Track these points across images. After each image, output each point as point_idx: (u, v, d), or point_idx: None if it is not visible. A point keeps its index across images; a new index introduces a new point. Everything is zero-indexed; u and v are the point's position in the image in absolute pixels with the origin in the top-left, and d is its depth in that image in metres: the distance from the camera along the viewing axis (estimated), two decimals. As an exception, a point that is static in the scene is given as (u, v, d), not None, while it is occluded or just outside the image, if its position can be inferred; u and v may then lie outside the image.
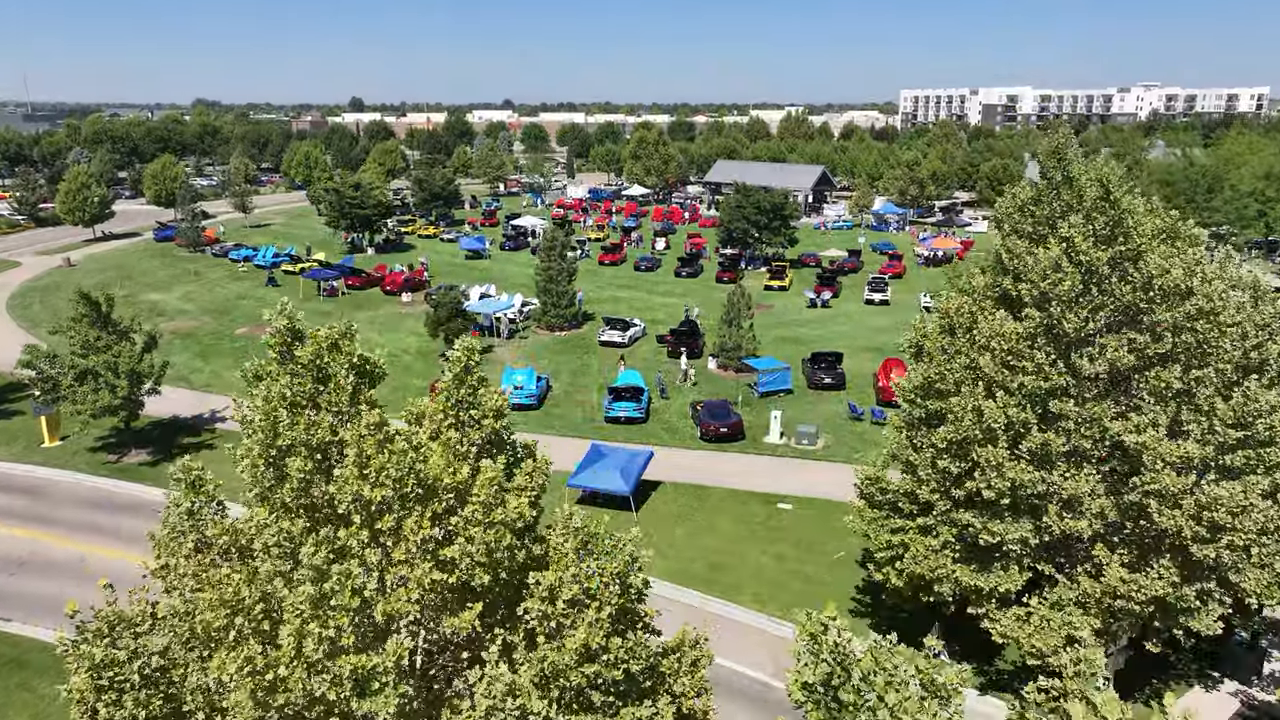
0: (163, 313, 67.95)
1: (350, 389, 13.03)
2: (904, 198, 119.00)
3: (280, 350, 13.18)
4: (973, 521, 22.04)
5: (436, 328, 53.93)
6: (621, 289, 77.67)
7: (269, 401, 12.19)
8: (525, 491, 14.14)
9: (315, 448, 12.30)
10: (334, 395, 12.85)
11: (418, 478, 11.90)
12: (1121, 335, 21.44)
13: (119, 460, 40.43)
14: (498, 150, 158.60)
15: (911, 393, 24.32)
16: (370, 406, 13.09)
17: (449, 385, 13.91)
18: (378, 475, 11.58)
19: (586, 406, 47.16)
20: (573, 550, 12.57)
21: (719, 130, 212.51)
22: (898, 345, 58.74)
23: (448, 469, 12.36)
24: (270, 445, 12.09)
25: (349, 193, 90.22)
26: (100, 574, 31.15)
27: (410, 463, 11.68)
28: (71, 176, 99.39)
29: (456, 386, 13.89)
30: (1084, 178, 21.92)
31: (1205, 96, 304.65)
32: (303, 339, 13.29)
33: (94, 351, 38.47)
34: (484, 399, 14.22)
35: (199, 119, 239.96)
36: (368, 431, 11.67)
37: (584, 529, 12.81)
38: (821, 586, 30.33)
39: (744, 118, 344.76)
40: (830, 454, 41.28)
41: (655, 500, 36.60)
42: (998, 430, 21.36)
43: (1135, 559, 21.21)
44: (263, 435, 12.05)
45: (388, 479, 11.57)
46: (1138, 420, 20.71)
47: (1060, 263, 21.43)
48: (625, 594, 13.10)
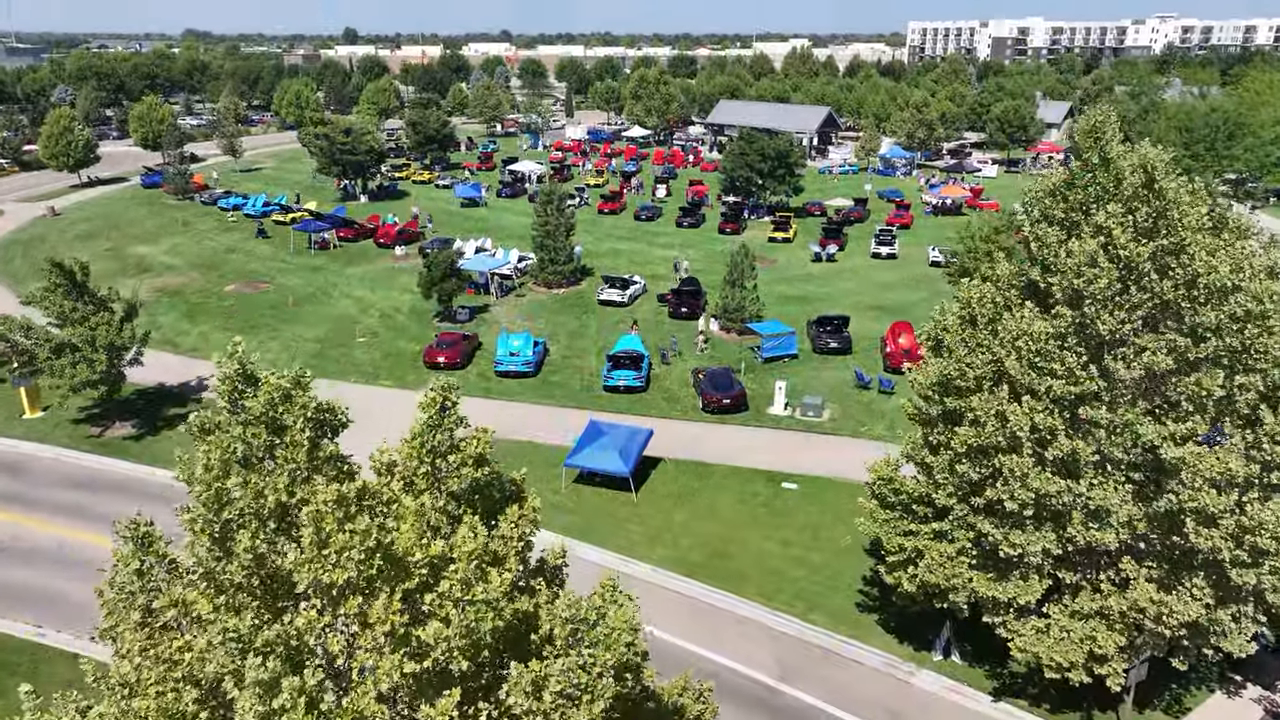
0: (149, 268, 66.07)
1: (307, 444, 11.51)
2: (912, 141, 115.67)
3: (230, 399, 11.62)
4: (992, 531, 20.75)
5: (430, 288, 52.17)
6: (621, 240, 75.58)
7: (209, 470, 10.67)
8: (511, 543, 12.73)
9: (267, 517, 10.85)
10: (289, 452, 11.34)
11: (386, 554, 10.48)
12: (1160, 336, 19.82)
13: (102, 434, 39.15)
14: (494, 89, 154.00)
15: (929, 389, 22.81)
16: (331, 465, 11.60)
17: (422, 430, 12.38)
18: (339, 557, 10.16)
19: (585, 374, 45.71)
20: (563, 638, 11.20)
21: (722, 67, 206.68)
22: (905, 304, 57.55)
23: (420, 541, 10.92)
24: (214, 521, 10.63)
25: (340, 138, 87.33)
26: (80, 561, 30.16)
27: (376, 542, 10.24)
28: (54, 119, 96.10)
29: (431, 431, 12.36)
30: (1125, 163, 20.03)
31: (1222, 28, 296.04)
32: (256, 384, 11.71)
33: (70, 323, 36.86)
34: (464, 444, 12.69)
35: (187, 54, 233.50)
36: (326, 508, 10.20)
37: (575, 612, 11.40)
38: (829, 576, 29.32)
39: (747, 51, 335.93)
40: (837, 427, 39.97)
41: (655, 479, 35.39)
42: (1023, 438, 19.91)
43: (1165, 574, 19.95)
44: (205, 510, 10.58)
45: (350, 561, 10.15)
46: (1174, 429, 19.25)
47: (1096, 257, 19.68)
48: (622, 681, 11.75)
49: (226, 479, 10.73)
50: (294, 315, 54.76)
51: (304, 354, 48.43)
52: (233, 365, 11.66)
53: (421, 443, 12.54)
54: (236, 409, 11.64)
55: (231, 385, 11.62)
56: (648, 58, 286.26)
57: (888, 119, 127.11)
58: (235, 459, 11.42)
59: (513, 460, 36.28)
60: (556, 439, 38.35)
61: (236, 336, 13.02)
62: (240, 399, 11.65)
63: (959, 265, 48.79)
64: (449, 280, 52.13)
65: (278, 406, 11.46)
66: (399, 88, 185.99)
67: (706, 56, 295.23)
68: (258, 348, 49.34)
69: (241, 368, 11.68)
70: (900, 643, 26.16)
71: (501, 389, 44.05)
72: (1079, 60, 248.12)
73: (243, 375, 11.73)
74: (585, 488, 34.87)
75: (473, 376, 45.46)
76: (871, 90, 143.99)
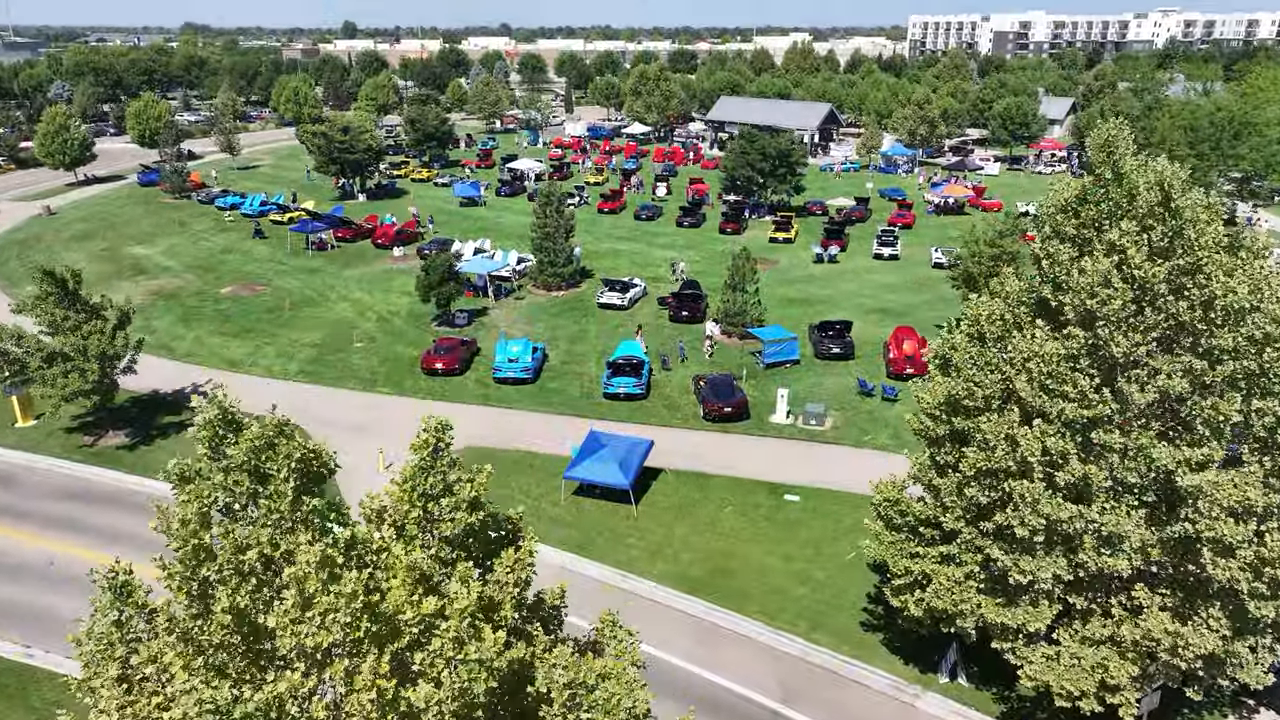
0: (145, 270, 65.47)
1: (292, 494, 10.97)
2: (913, 138, 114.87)
3: (211, 445, 11.08)
4: (1001, 557, 20.23)
5: (428, 292, 51.56)
6: (621, 241, 74.93)
7: (187, 524, 10.13)
8: (506, 589, 12.21)
9: (249, 573, 10.33)
10: (273, 502, 10.81)
11: (374, 614, 9.95)
12: (1174, 358, 19.27)
13: (95, 443, 38.61)
14: (494, 85, 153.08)
15: (936, 408, 22.27)
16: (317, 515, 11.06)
17: (413, 473, 11.84)
18: (324, 619, 9.64)
19: (584, 380, 45.15)
20: (560, 703, 10.67)
21: (722, 62, 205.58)
22: (908, 307, 56.96)
23: (410, 599, 10.39)
24: (192, 578, 10.11)
25: (338, 136, 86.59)
26: (70, 577, 29.67)
27: (363, 604, 9.71)
28: (49, 116, 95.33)
29: (423, 474, 11.81)
30: (1140, 180, 19.44)
31: (1225, 22, 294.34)
32: (239, 429, 11.17)
33: (61, 332, 36.29)
34: (458, 487, 12.14)
35: (185, 48, 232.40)
36: (311, 569, 9.67)
37: (574, 675, 10.87)
38: (832, 593, 28.81)
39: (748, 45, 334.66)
40: (839, 436, 39.43)
41: (655, 491, 34.87)
42: (1034, 463, 19.37)
43: (1180, 603, 19.44)
44: (182, 567, 10.05)
45: (336, 624, 9.63)
46: (1190, 454, 18.70)
47: (1110, 277, 19.12)
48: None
49: (205, 531, 10.20)
50: (291, 319, 54.19)
51: (300, 359, 47.89)
52: (213, 410, 11.09)
53: (413, 486, 12.00)
54: (218, 456, 11.09)
55: (213, 431, 11.08)
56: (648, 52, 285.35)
57: (889, 116, 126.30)
58: (216, 508, 10.90)
59: (511, 471, 35.94)
60: (555, 448, 37.83)
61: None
62: (222, 445, 11.09)
63: (963, 270, 48.23)
64: (447, 284, 51.54)
65: (261, 454, 10.90)
66: (398, 83, 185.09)
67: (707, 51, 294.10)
68: (254, 353, 48.86)
69: (223, 413, 11.12)
70: (905, 664, 25.68)
71: (500, 396, 43.51)
72: (1081, 55, 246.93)
73: (225, 420, 11.17)
74: (585, 499, 34.36)
75: (471, 383, 44.92)
76: (873, 86, 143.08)
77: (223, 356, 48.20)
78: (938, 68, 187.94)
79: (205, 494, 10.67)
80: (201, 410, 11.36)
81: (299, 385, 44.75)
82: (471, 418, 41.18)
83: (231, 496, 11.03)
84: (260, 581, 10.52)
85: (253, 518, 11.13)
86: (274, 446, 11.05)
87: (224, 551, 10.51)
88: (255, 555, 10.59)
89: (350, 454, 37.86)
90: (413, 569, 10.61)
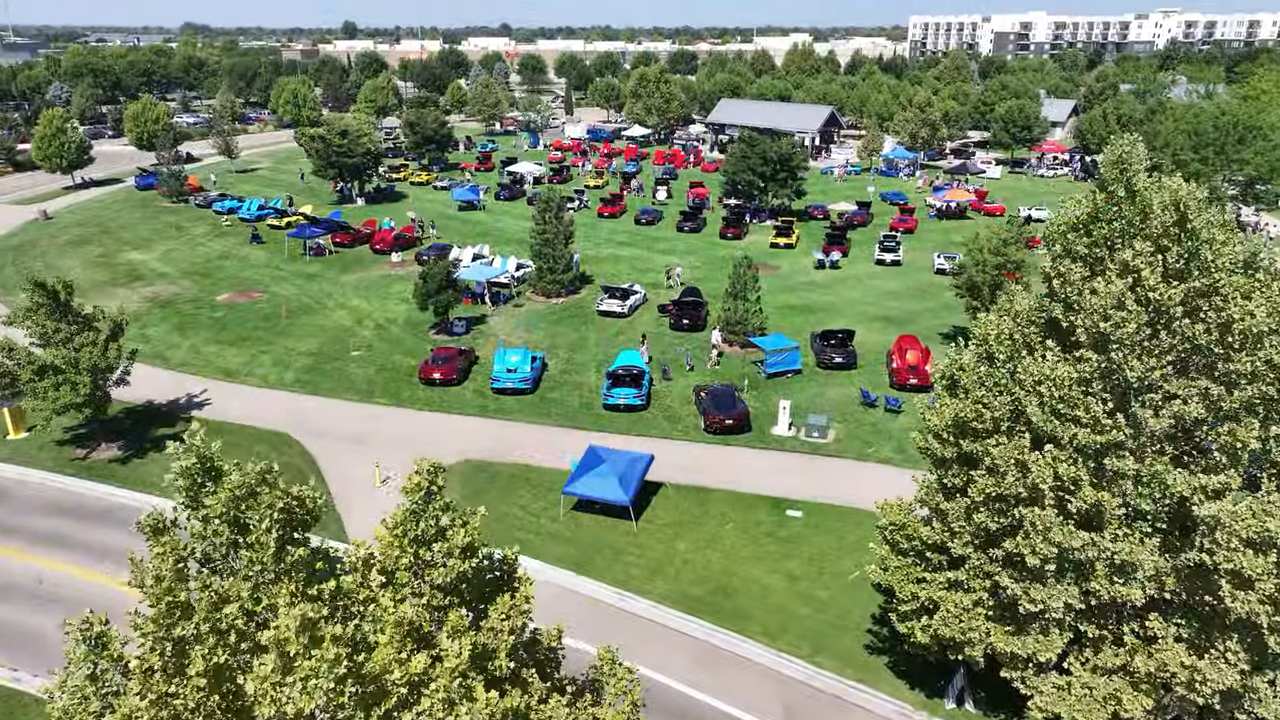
0: (141, 276, 64.92)
1: (274, 546, 10.43)
2: (915, 141, 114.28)
3: (188, 495, 10.53)
4: (1011, 585, 19.69)
5: (426, 300, 51.00)
6: (621, 246, 74.36)
7: (161, 581, 9.60)
8: (501, 636, 11.66)
9: (226, 630, 9.79)
10: (254, 554, 10.26)
11: (358, 677, 9.41)
12: (1190, 381, 18.73)
13: (87, 456, 38.06)
14: (493, 87, 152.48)
15: (944, 430, 21.72)
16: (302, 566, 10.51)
17: (404, 519, 11.29)
18: (305, 684, 9.10)
19: (584, 390, 44.60)
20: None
21: (722, 64, 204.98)
22: (910, 314, 56.39)
23: (398, 656, 9.85)
24: (166, 637, 9.57)
25: (336, 140, 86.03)
26: (60, 597, 29.15)
27: (347, 668, 9.17)
28: (46, 119, 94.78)
29: (414, 519, 11.26)
30: (1155, 199, 18.90)
31: (1226, 23, 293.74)
32: (219, 477, 10.62)
33: (53, 344, 35.73)
34: (451, 533, 11.60)
35: (184, 50, 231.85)
36: (292, 632, 9.13)
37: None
38: (836, 614, 28.26)
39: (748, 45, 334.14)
40: (842, 448, 38.87)
41: (655, 506, 34.31)
42: (1045, 490, 18.83)
43: (1196, 634, 18.89)
44: (155, 627, 9.51)
45: (318, 689, 9.09)
46: (1206, 481, 18.17)
47: (1124, 299, 18.57)
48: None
49: (181, 586, 9.65)
50: (287, 327, 53.63)
51: (297, 369, 47.34)
52: (190, 458, 10.54)
53: (404, 531, 11.44)
54: (196, 505, 10.55)
55: (190, 480, 10.52)
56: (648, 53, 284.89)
57: (890, 118, 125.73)
58: (194, 558, 10.35)
59: (509, 485, 35.36)
60: (554, 461, 37.30)
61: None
62: (200, 493, 10.55)
63: (967, 278, 47.69)
64: (445, 292, 50.97)
65: (242, 504, 10.36)
66: (397, 85, 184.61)
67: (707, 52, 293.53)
68: (250, 362, 48.31)
69: (200, 461, 10.57)
70: (911, 688, 25.13)
71: (498, 407, 42.95)
72: (1082, 56, 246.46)
73: (203, 468, 10.62)
74: (584, 515, 33.81)
75: (469, 393, 44.37)
76: (874, 88, 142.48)
77: (218, 366, 47.65)
78: (939, 69, 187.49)
79: (181, 547, 10.12)
80: (178, 457, 10.81)
81: (295, 395, 44.20)
82: (469, 429, 40.68)
83: (211, 546, 10.49)
84: (241, 635, 10.00)
85: (233, 568, 10.60)
86: (255, 495, 10.50)
87: (201, 606, 9.97)
88: (235, 610, 10.06)
89: (346, 467, 37.49)
90: (400, 624, 10.07)
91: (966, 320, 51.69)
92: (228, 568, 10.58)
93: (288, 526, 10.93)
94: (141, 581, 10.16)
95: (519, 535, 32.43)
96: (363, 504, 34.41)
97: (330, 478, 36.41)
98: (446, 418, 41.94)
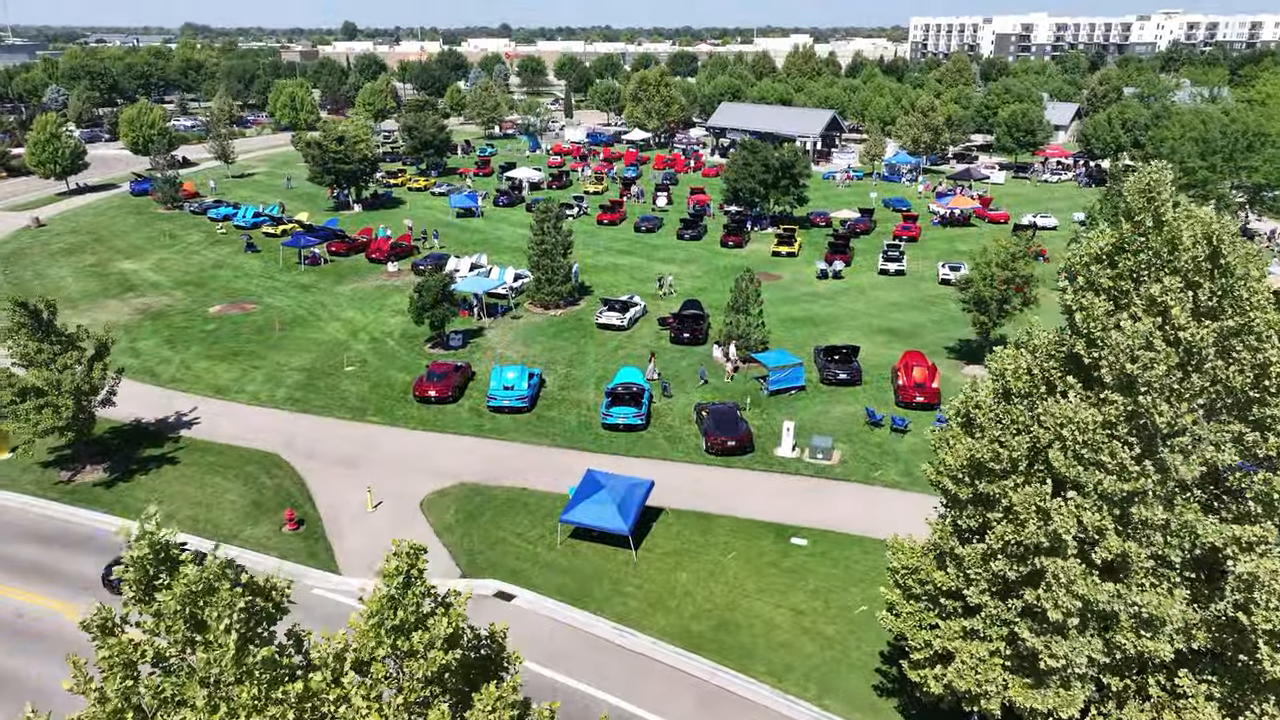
0: (133, 286, 63.87)
1: (235, 647, 9.39)
2: (917, 145, 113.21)
3: (140, 589, 9.49)
4: (1032, 639, 18.64)
5: (421, 314, 49.95)
6: (620, 255, 73.31)
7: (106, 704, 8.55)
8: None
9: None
10: (212, 655, 9.22)
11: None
12: (1222, 425, 17.69)
13: (71, 479, 36.99)
14: (493, 90, 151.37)
15: (958, 471, 20.67)
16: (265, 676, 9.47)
17: (381, 607, 10.25)
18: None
19: (582, 409, 43.54)
20: None
21: (723, 66, 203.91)
22: (915, 326, 55.31)
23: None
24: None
25: (333, 147, 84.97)
26: (38, 634, 28.09)
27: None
28: (40, 124, 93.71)
29: (393, 608, 10.22)
30: (1185, 231, 17.84)
31: (1228, 24, 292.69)
32: (175, 568, 9.58)
33: (35, 365, 34.67)
34: (433, 623, 10.56)
35: (182, 52, 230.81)
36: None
37: None
38: (843, 651, 27.21)
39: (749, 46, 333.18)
40: (847, 471, 37.82)
41: (655, 534, 33.25)
42: (1068, 539, 17.78)
43: (1229, 692, 17.85)
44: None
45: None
46: (1240, 533, 17.13)
47: (1152, 339, 17.52)
48: None
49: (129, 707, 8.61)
50: (280, 341, 52.56)
51: (289, 385, 46.29)
52: (143, 548, 9.50)
53: (380, 621, 10.40)
54: (148, 599, 9.51)
55: (142, 571, 9.48)
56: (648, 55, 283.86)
57: (892, 123, 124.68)
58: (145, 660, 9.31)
59: (505, 511, 34.29)
60: (551, 484, 36.30)
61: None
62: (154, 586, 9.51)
63: (974, 293, 46.64)
64: (441, 305, 49.93)
65: (199, 601, 9.32)
66: (396, 87, 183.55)
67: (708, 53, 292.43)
68: (241, 378, 47.27)
69: (153, 551, 9.52)
70: (923, 734, 24.10)
71: (494, 426, 41.90)
72: (1084, 58, 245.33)
73: (157, 558, 9.57)
74: (581, 543, 32.75)
75: (464, 411, 43.33)
76: (876, 92, 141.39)
77: (209, 382, 46.59)
78: (940, 70, 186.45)
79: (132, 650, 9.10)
80: (130, 546, 9.77)
81: (287, 414, 43.15)
82: (464, 450, 39.65)
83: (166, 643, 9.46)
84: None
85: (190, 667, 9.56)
86: (214, 592, 9.46)
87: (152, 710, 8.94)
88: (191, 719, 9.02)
89: (338, 491, 36.45)
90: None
91: (973, 334, 50.71)
92: (183, 667, 9.56)
93: (251, 622, 9.90)
94: (85, 686, 9.14)
95: (514, 564, 31.45)
96: (354, 531, 33.40)
97: (320, 502, 35.39)
98: (441, 437, 40.90)
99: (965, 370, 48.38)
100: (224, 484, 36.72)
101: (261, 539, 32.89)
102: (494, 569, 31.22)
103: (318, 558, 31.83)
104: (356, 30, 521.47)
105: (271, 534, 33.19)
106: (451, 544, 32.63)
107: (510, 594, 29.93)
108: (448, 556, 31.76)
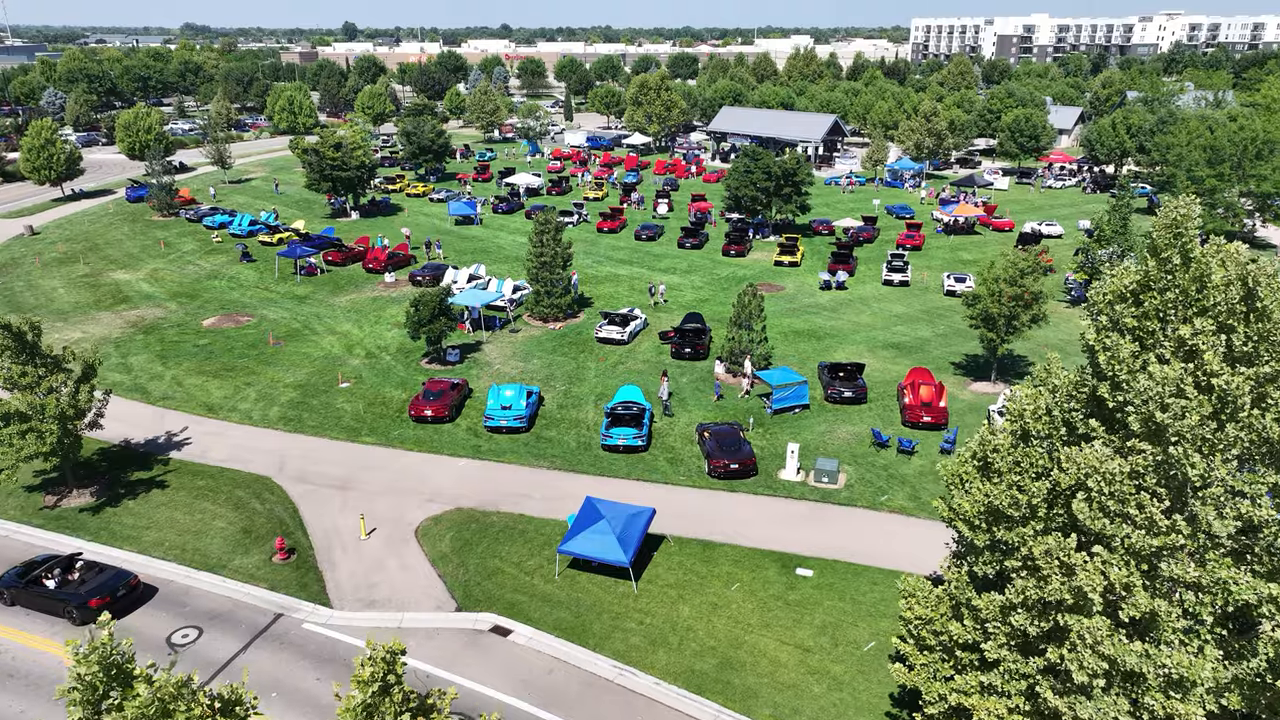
0: (127, 298, 62.90)
1: (192, 776, 8.42)
2: (920, 150, 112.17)
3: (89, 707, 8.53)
4: (1055, 701, 17.67)
5: (418, 329, 48.96)
6: (621, 264, 72.31)
7: None
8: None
9: None
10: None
11: None
12: (1259, 477, 16.73)
13: (57, 504, 36.03)
14: (492, 94, 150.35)
15: (974, 517, 19.72)
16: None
17: (358, 714, 9.28)
18: None
19: (582, 429, 42.56)
20: None
21: (724, 69, 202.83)
22: (921, 341, 54.31)
23: None
24: None
25: (330, 154, 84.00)
26: (20, 672, 27.15)
27: None
28: (35, 130, 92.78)
29: (368, 715, 9.25)
30: (1217, 271, 16.89)
31: (1230, 25, 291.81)
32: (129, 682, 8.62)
33: (19, 389, 33.71)
34: (410, 731, 9.59)
35: (181, 55, 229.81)
36: None
37: None
38: (852, 693, 26.22)
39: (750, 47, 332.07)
40: (853, 495, 36.84)
41: (657, 564, 32.27)
42: (1095, 598, 16.82)
43: (1263, 759, 16.91)
44: None
45: None
46: (1276, 591, 16.17)
47: (1183, 387, 16.57)
48: None
49: None
50: (274, 356, 51.59)
51: (282, 403, 45.32)
52: (92, 664, 8.53)
53: (354, 730, 9.43)
54: (95, 718, 8.54)
55: (89, 692, 8.50)
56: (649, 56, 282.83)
57: (895, 127, 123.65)
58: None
59: (501, 538, 33.33)
60: (549, 510, 35.34)
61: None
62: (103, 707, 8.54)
63: (981, 309, 45.66)
64: (438, 320, 48.95)
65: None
66: (395, 90, 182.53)
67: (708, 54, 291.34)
68: (233, 395, 46.29)
69: (103, 669, 8.55)
70: (936, 785, 23.08)
71: (491, 447, 40.93)
72: (1086, 59, 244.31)
73: (107, 676, 8.60)
74: (580, 574, 31.76)
75: (461, 431, 42.36)
76: (877, 95, 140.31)
77: (200, 400, 45.61)
78: (942, 73, 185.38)
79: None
80: (78, 662, 8.80)
81: (279, 434, 42.17)
82: (460, 472, 38.67)
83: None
84: None
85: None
86: (170, 715, 8.50)
87: None
88: None
89: (331, 516, 35.49)
90: None
91: (980, 349, 49.78)
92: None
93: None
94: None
95: (511, 596, 30.48)
96: (347, 560, 32.45)
97: (313, 529, 34.43)
98: (437, 459, 39.94)
99: (972, 387, 47.44)
100: (214, 509, 35.75)
101: (251, 569, 31.92)
102: (490, 601, 30.25)
103: (308, 589, 30.87)
104: (357, 31, 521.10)
105: (261, 564, 32.22)
106: (447, 574, 31.65)
107: (507, 629, 28.96)
108: (443, 588, 30.79)
